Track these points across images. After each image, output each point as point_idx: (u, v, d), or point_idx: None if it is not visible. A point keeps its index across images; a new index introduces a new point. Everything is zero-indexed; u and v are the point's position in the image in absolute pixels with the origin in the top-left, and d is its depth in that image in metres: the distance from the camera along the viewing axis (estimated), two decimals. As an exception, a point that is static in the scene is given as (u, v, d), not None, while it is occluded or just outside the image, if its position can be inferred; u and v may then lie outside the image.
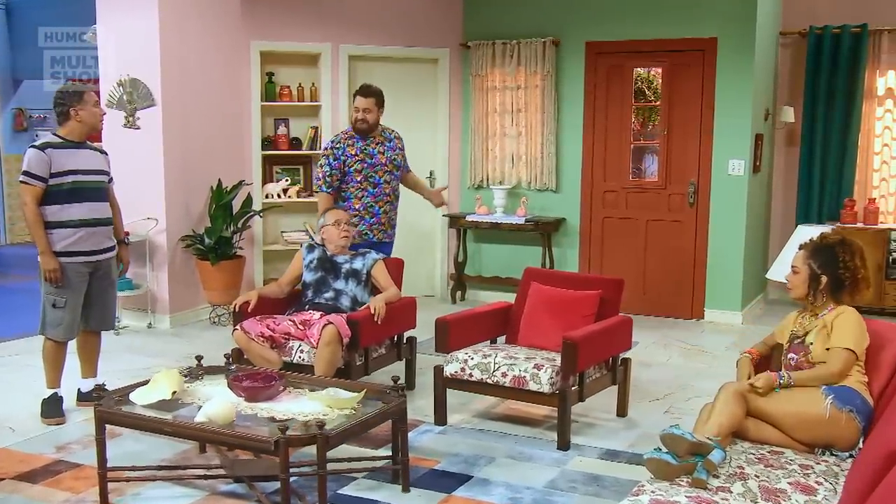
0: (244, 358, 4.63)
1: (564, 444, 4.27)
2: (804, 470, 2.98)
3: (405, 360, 5.17)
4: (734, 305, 7.11)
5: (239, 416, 3.51)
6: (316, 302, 4.89)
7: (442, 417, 4.60)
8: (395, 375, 3.93)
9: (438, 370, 4.53)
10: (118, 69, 6.58)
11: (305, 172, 7.67)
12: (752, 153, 7.01)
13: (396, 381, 3.83)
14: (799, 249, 3.58)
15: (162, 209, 6.63)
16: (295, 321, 4.72)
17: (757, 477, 2.88)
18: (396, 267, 5.20)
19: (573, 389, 4.27)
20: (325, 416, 3.48)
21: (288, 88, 7.48)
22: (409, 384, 5.08)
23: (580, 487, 3.82)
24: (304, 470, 3.80)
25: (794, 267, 3.54)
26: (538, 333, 4.67)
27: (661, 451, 2.94)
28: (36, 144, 4.55)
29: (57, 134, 4.60)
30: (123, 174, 5.59)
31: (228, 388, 3.74)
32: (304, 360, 4.60)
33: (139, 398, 3.66)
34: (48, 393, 4.68)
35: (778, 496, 2.75)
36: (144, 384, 3.76)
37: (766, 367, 3.60)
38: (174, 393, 3.67)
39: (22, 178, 4.46)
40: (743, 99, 6.90)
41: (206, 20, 6.86)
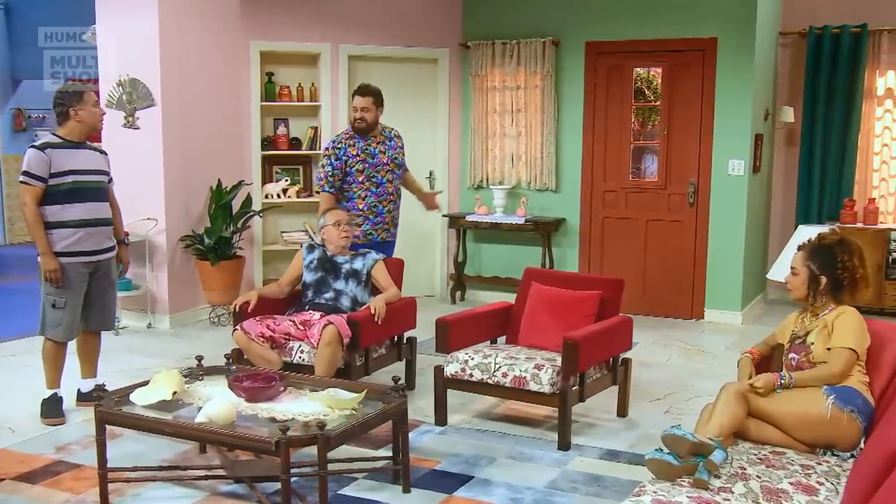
0: (244, 358, 4.62)
1: (565, 444, 4.26)
2: (805, 470, 2.97)
3: (405, 360, 5.17)
4: (734, 305, 7.11)
5: (239, 416, 3.50)
6: (316, 302, 4.89)
7: (442, 418, 4.60)
8: (395, 376, 3.92)
9: (439, 370, 4.53)
10: (118, 69, 6.58)
11: (305, 172, 7.67)
12: (751, 153, 7.01)
13: (397, 381, 3.82)
14: (798, 250, 3.58)
15: (161, 209, 6.62)
16: (295, 321, 4.71)
17: (758, 477, 2.87)
18: (397, 267, 5.20)
19: (574, 390, 4.27)
20: (325, 416, 3.48)
21: (287, 88, 7.48)
22: (409, 384, 5.07)
23: (581, 488, 3.82)
24: (304, 470, 3.79)
25: (793, 268, 3.54)
26: (539, 334, 4.67)
27: (662, 451, 2.94)
28: (36, 144, 4.55)
29: (57, 134, 4.60)
30: (123, 174, 5.58)
31: (229, 388, 3.73)
32: (304, 360, 4.59)
33: (139, 399, 3.66)
34: (48, 393, 4.67)
35: (779, 496, 2.75)
36: (145, 385, 3.76)
37: (767, 367, 3.60)
38: (174, 393, 3.66)
39: (22, 178, 4.46)
40: (743, 99, 6.90)
41: (205, 20, 6.86)
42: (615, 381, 4.70)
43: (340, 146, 5.43)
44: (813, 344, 3.39)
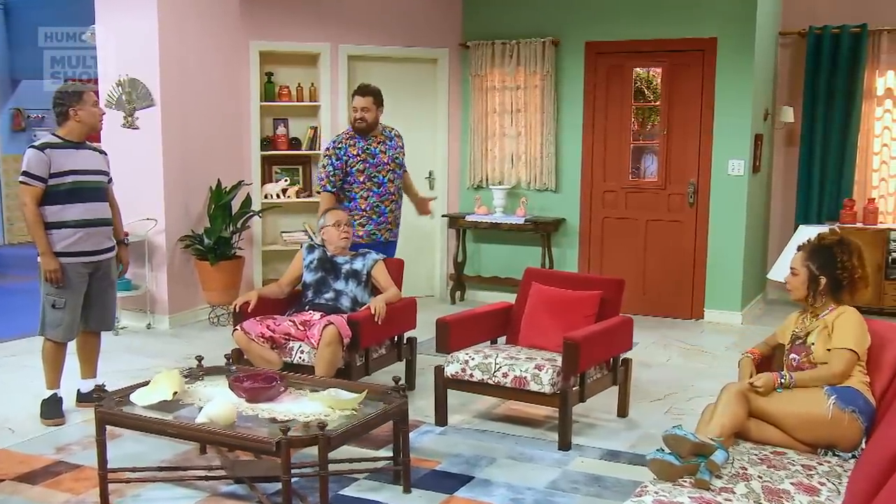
0: (244, 358, 4.62)
1: (565, 444, 4.26)
2: (807, 470, 2.97)
3: (405, 360, 5.16)
4: (734, 305, 7.11)
5: (240, 416, 3.50)
6: (316, 302, 4.88)
7: (442, 418, 4.59)
8: (396, 376, 3.92)
9: (439, 370, 4.53)
10: (117, 69, 6.57)
11: (305, 172, 7.66)
12: (751, 153, 7.00)
13: (398, 381, 3.82)
14: (797, 251, 3.58)
15: (161, 209, 6.62)
16: (295, 322, 4.71)
17: (760, 478, 2.87)
18: (397, 267, 5.19)
19: (574, 390, 4.27)
20: (326, 416, 3.47)
21: (287, 88, 7.47)
22: (409, 385, 5.07)
23: (582, 488, 3.82)
24: (305, 471, 3.79)
25: (792, 269, 3.54)
26: (539, 334, 4.67)
27: (663, 451, 2.93)
28: (35, 145, 4.54)
29: (56, 134, 4.59)
30: (122, 174, 5.58)
31: (229, 388, 3.73)
32: (304, 360, 4.59)
33: (140, 399, 3.65)
34: (48, 394, 4.67)
35: (781, 497, 2.74)
36: (145, 385, 3.75)
37: (767, 367, 3.60)
38: (175, 394, 3.66)
39: (21, 178, 4.45)
40: (743, 99, 6.90)
41: (205, 20, 6.85)
42: (615, 381, 4.70)
43: (341, 146, 5.43)
44: (813, 344, 3.39)
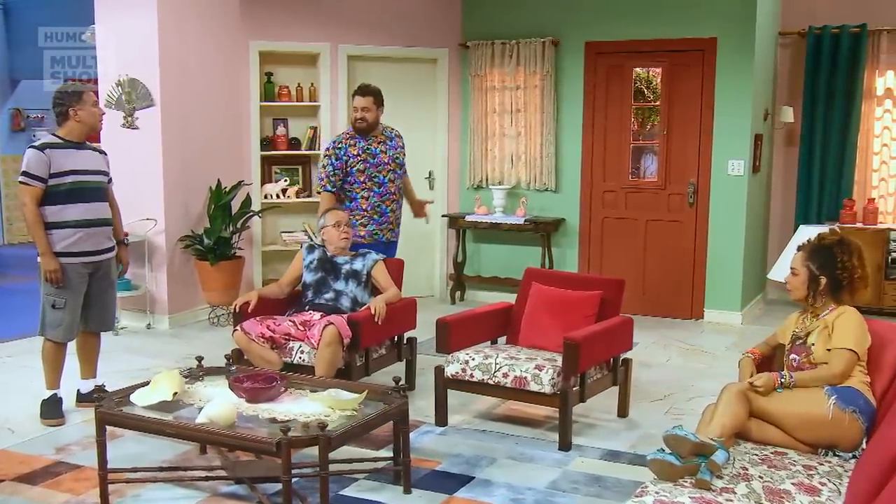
0: (244, 359, 4.61)
1: (566, 444, 4.26)
2: (808, 471, 2.97)
3: (405, 360, 5.16)
4: (734, 305, 7.11)
5: (240, 417, 3.50)
6: (316, 303, 4.88)
7: (443, 418, 4.59)
8: (396, 376, 3.92)
9: (439, 371, 4.52)
10: (117, 69, 6.57)
11: (304, 173, 7.66)
12: (751, 153, 7.00)
13: (398, 381, 3.82)
14: (797, 251, 3.58)
15: (161, 209, 6.61)
16: (295, 322, 4.71)
17: (761, 478, 2.87)
18: (397, 267, 5.19)
19: (574, 390, 4.26)
20: (326, 417, 3.47)
21: (287, 88, 7.47)
22: (409, 385, 5.05)
23: (582, 488, 3.82)
24: (305, 471, 3.78)
25: (793, 269, 3.54)
26: (539, 334, 4.67)
27: (664, 451, 2.93)
28: (35, 145, 4.53)
29: (56, 134, 4.59)
30: (122, 175, 5.58)
31: (229, 389, 3.73)
32: (304, 360, 4.58)
33: (140, 399, 3.65)
34: (48, 394, 4.66)
35: (782, 497, 2.74)
36: (145, 385, 3.75)
37: (768, 367, 3.60)
38: (175, 394, 3.66)
39: (21, 178, 4.45)
40: (742, 99, 6.90)
41: (204, 20, 6.85)
42: (616, 381, 4.70)
43: (341, 146, 5.43)
44: (814, 345, 3.39)
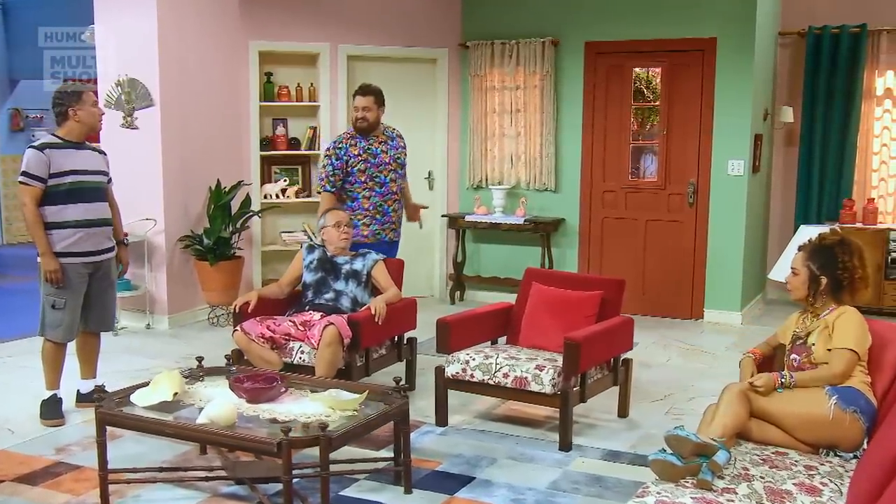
0: (244, 359, 4.61)
1: (566, 445, 4.26)
2: (809, 471, 2.97)
3: (406, 360, 5.16)
4: (734, 305, 7.11)
5: (240, 417, 3.49)
6: (316, 303, 4.88)
7: (443, 418, 4.59)
8: (396, 377, 3.92)
9: (439, 371, 4.52)
10: (116, 69, 6.56)
11: (304, 173, 7.65)
12: (751, 153, 7.00)
13: (398, 382, 3.81)
14: (798, 251, 3.58)
15: (160, 210, 6.61)
16: (295, 322, 4.70)
17: (762, 478, 2.87)
18: (397, 267, 5.19)
19: (575, 390, 4.26)
20: (327, 417, 3.47)
21: (287, 88, 7.46)
22: (409, 385, 5.05)
23: (583, 488, 3.82)
24: (305, 471, 3.78)
25: (793, 269, 3.54)
26: (539, 334, 4.66)
27: (665, 452, 2.93)
28: (35, 145, 4.53)
29: (56, 134, 4.58)
30: (121, 175, 5.57)
31: (230, 389, 3.72)
32: (304, 361, 4.58)
33: (140, 399, 3.64)
34: (47, 394, 4.66)
35: (783, 497, 2.74)
36: (145, 385, 3.74)
37: (769, 367, 3.60)
38: (175, 394, 3.65)
39: (21, 178, 4.44)
40: (742, 99, 6.90)
41: (204, 20, 6.84)
42: (616, 381, 4.70)
43: (341, 146, 5.43)
44: (814, 345, 3.39)
